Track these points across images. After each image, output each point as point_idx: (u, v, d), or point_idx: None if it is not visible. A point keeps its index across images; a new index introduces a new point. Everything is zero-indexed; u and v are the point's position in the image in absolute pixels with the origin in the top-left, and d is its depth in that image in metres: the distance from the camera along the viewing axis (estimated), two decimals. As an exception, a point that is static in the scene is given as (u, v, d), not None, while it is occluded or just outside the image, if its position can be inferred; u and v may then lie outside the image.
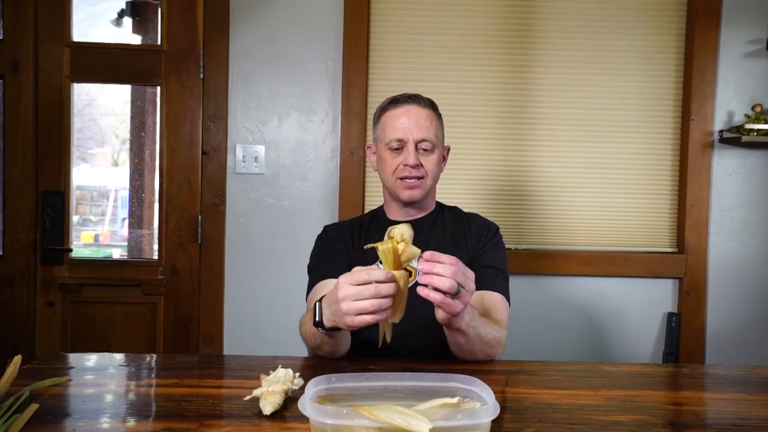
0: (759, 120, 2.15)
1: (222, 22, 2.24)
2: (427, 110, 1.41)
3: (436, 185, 1.48)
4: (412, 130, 1.38)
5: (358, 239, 1.46)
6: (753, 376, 1.17)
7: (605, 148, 2.31)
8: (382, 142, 1.42)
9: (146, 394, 1.03)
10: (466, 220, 1.49)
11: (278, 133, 2.27)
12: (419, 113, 1.39)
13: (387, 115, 1.42)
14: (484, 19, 2.28)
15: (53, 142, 2.26)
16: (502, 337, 1.25)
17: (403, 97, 1.42)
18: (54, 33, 2.25)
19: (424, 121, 1.39)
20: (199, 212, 2.27)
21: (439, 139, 1.43)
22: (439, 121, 1.44)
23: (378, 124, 1.45)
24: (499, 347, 1.24)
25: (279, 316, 2.26)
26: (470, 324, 1.12)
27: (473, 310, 1.13)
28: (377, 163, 1.47)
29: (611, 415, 0.91)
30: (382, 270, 0.98)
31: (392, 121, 1.40)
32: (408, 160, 1.37)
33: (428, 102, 1.43)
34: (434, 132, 1.40)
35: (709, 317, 2.30)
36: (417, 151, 1.38)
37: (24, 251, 2.26)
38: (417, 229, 1.44)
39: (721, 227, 2.30)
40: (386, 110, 1.43)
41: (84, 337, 2.28)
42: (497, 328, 1.24)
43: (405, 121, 1.39)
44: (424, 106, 1.41)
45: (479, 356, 1.21)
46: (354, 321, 0.98)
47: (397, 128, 1.39)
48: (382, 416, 0.68)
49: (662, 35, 2.30)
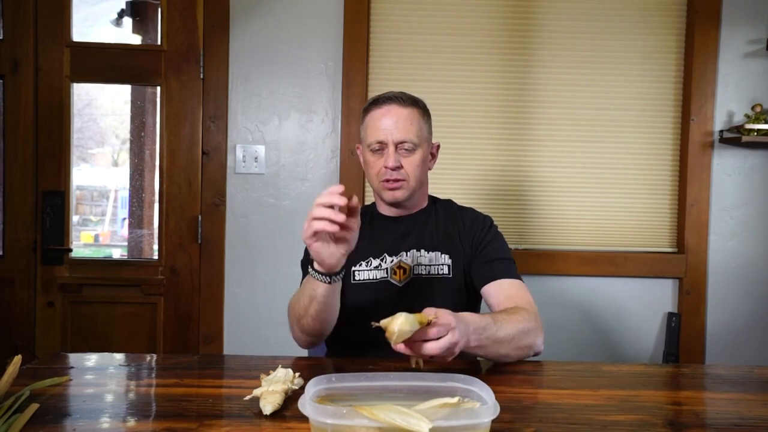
0: (759, 120, 2.15)
1: (222, 22, 2.24)
2: (408, 109, 1.37)
3: (428, 182, 1.46)
4: (391, 131, 1.35)
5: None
6: (753, 376, 1.17)
7: (605, 148, 2.31)
8: (365, 144, 1.40)
9: (146, 394, 1.03)
10: (460, 215, 1.46)
11: (278, 133, 2.27)
12: (399, 113, 1.36)
13: (368, 117, 1.40)
14: (484, 19, 2.28)
15: (53, 142, 2.26)
16: (530, 323, 1.20)
17: (384, 97, 1.38)
18: (54, 33, 2.25)
19: (404, 122, 1.35)
20: (199, 212, 2.27)
21: (423, 137, 1.38)
22: (423, 119, 1.40)
23: (362, 125, 1.43)
24: (530, 336, 1.19)
25: (279, 316, 2.26)
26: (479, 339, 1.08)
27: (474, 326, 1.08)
28: (363, 164, 1.45)
29: (611, 415, 0.91)
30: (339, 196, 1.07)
31: (373, 123, 1.37)
32: (387, 162, 1.35)
33: (410, 100, 1.39)
34: (416, 132, 1.36)
35: (709, 317, 2.30)
36: (397, 152, 1.35)
37: (24, 251, 2.26)
38: (408, 227, 1.45)
39: (721, 227, 2.30)
40: (368, 111, 1.40)
41: (84, 337, 2.28)
42: (521, 317, 1.19)
43: (385, 122, 1.35)
44: (405, 105, 1.37)
45: (515, 355, 1.17)
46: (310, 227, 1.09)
47: (378, 130, 1.36)
48: (382, 416, 0.68)
49: (662, 35, 2.30)
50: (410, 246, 1.41)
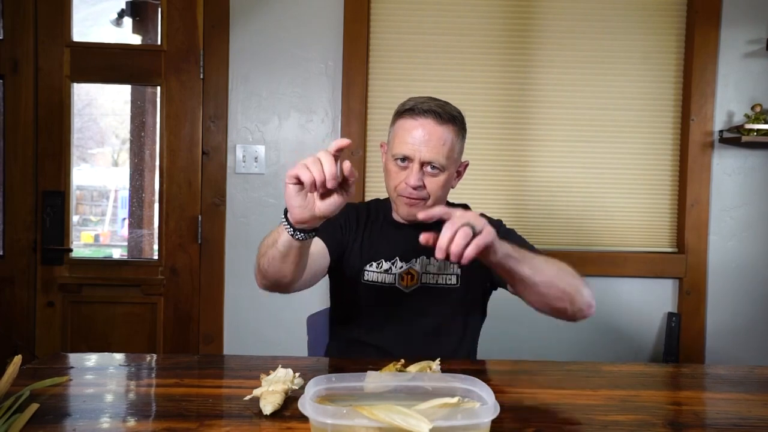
0: (759, 120, 2.15)
1: (222, 22, 2.24)
2: (444, 127, 1.27)
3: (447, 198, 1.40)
4: (420, 149, 1.26)
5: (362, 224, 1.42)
6: (753, 376, 1.17)
7: (605, 148, 2.31)
8: (390, 152, 1.32)
9: (146, 394, 1.03)
10: None
11: (278, 133, 2.27)
12: (433, 131, 1.26)
13: (400, 124, 1.30)
14: (484, 20, 2.28)
15: (53, 142, 2.26)
16: (573, 271, 1.17)
17: (422, 109, 1.27)
18: (54, 33, 2.25)
19: (436, 141, 1.26)
20: (199, 212, 2.27)
21: (453, 159, 1.30)
22: (458, 137, 1.31)
23: (392, 127, 1.34)
24: (575, 280, 1.16)
25: (279, 316, 2.26)
26: (512, 256, 1.06)
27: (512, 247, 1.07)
28: (384, 167, 1.38)
29: (611, 415, 0.91)
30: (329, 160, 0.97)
31: (403, 133, 1.28)
32: (409, 180, 1.27)
33: (449, 117, 1.28)
34: (446, 153, 1.27)
35: (709, 317, 2.30)
36: (422, 171, 1.28)
37: (24, 251, 2.26)
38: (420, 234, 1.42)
39: (721, 227, 2.30)
40: (402, 117, 1.31)
41: (84, 337, 2.28)
42: (561, 263, 1.16)
43: (416, 137, 1.26)
44: (442, 123, 1.27)
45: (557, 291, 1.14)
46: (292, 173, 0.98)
47: (406, 143, 1.27)
48: (382, 416, 0.68)
49: (662, 35, 2.30)
50: (421, 253, 1.37)
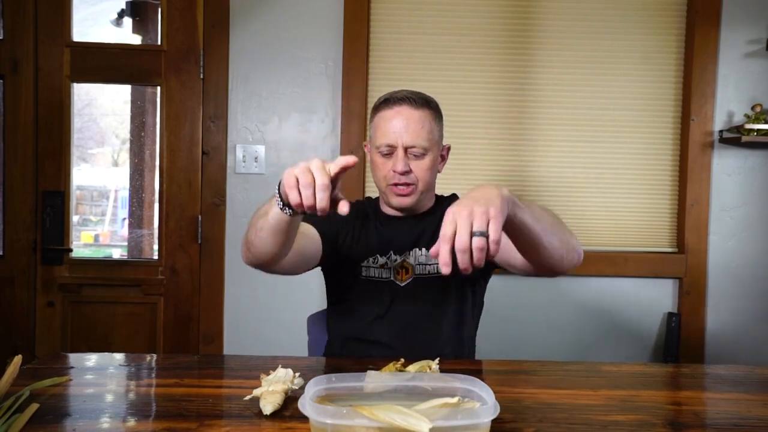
0: (759, 120, 2.15)
1: (222, 22, 2.24)
2: (420, 111, 1.32)
3: (435, 183, 1.43)
4: (401, 134, 1.30)
5: (353, 221, 1.42)
6: (753, 376, 1.17)
7: (605, 148, 2.31)
8: (374, 145, 1.36)
9: (146, 394, 1.03)
10: None
11: (278, 133, 2.27)
12: (410, 116, 1.31)
13: (378, 117, 1.36)
14: (484, 19, 2.28)
15: (53, 142, 2.26)
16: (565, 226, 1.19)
17: (396, 98, 1.33)
18: (54, 33, 2.25)
19: (414, 125, 1.31)
20: (199, 212, 2.27)
21: (434, 141, 1.34)
22: (435, 120, 1.36)
23: (371, 123, 1.39)
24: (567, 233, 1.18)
25: (279, 316, 2.26)
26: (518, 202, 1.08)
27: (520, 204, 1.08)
28: (370, 163, 1.41)
29: (611, 415, 0.91)
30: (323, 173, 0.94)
31: (383, 124, 1.33)
32: (396, 167, 1.31)
33: (422, 101, 1.34)
34: (426, 136, 1.32)
35: (709, 317, 2.30)
36: (407, 156, 1.32)
37: (24, 251, 2.26)
38: (413, 227, 1.43)
39: (721, 227, 2.30)
40: (378, 111, 1.36)
41: (84, 337, 2.28)
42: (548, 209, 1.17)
43: (395, 125, 1.31)
44: (416, 107, 1.32)
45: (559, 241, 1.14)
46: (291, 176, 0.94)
47: (387, 132, 1.32)
48: (382, 416, 0.68)
49: (662, 35, 2.30)
50: (414, 245, 1.40)
